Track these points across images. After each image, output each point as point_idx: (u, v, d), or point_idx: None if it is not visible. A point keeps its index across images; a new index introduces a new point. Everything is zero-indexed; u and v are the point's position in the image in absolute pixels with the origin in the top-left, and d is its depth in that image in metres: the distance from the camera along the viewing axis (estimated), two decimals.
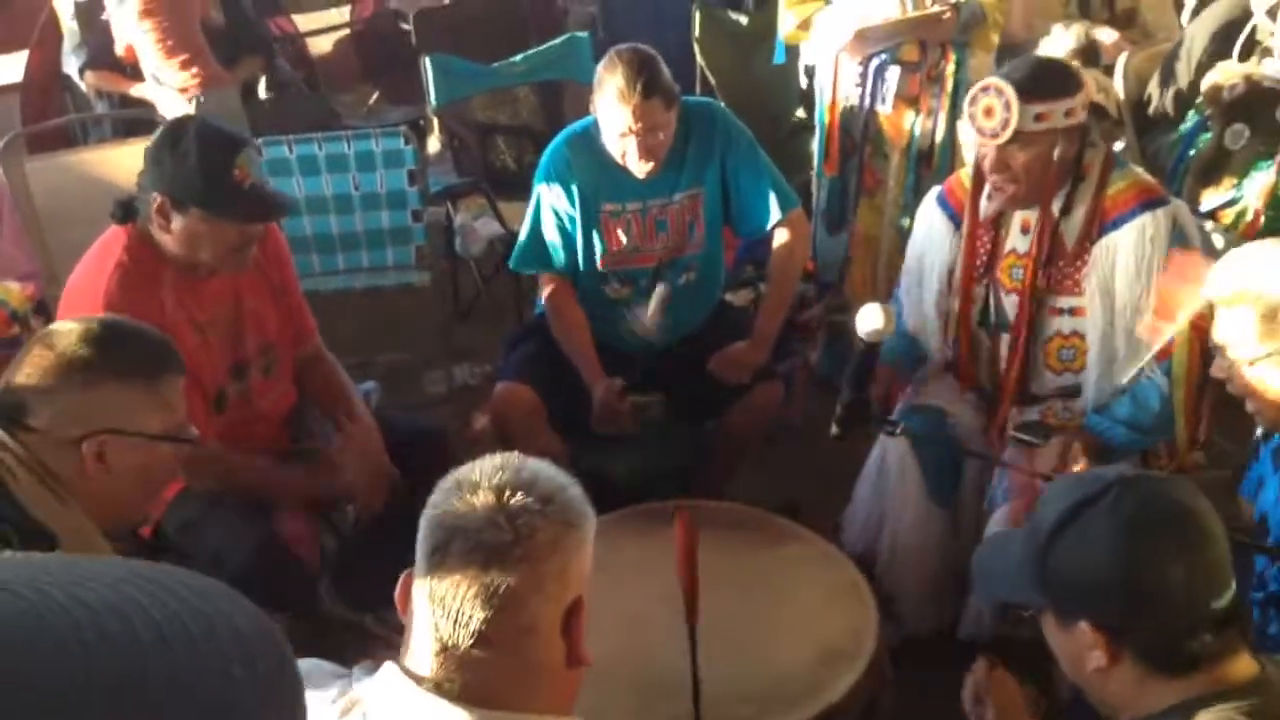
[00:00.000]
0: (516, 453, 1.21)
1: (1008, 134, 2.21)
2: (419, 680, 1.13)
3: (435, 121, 4.56)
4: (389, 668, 1.16)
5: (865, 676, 1.94)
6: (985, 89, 2.24)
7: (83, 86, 4.84)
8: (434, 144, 4.72)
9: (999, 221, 2.43)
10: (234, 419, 2.33)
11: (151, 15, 4.33)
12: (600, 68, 2.57)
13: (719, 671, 1.92)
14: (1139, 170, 2.39)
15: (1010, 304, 2.43)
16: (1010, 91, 2.19)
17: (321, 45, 6.15)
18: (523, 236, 2.84)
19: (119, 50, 4.53)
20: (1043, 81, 2.24)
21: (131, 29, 4.39)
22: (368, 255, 3.92)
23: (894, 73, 3.20)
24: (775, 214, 2.76)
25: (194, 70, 4.35)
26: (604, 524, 2.29)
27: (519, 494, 1.14)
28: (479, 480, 1.15)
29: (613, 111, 2.53)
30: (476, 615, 1.11)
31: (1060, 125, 2.23)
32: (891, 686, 2.09)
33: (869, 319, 1.97)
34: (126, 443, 1.58)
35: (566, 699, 1.21)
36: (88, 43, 4.66)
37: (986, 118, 2.23)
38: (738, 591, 2.15)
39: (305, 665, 1.25)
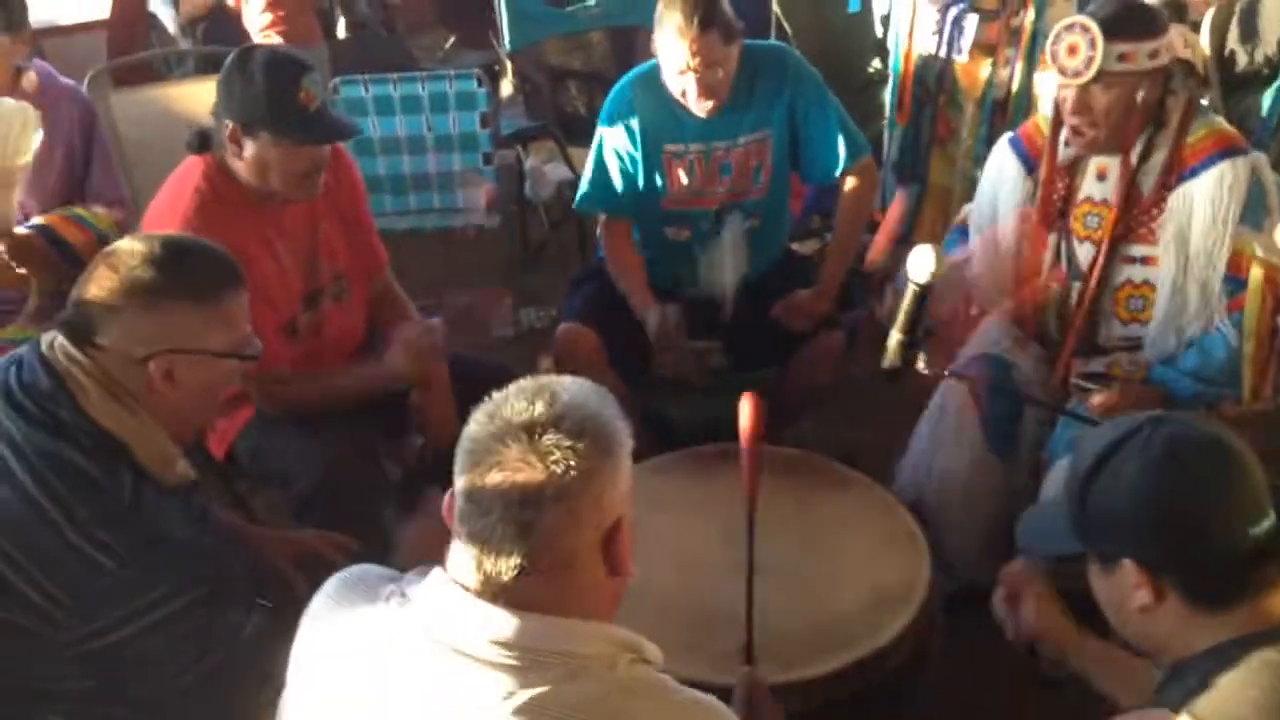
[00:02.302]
0: (550, 379, 1.22)
1: (1091, 73, 2.17)
2: (463, 587, 1.17)
3: (509, 65, 4.57)
4: (437, 572, 1.20)
5: (915, 622, 1.95)
6: (1070, 27, 2.20)
7: (168, 24, 4.95)
8: (507, 87, 4.74)
9: (1074, 168, 2.40)
10: (305, 348, 2.38)
11: None
12: (660, 5, 2.55)
13: (772, 611, 1.94)
14: (1219, 119, 2.34)
15: (1083, 252, 2.39)
16: (1095, 29, 2.16)
17: None
18: (585, 177, 2.86)
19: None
20: (1128, 21, 2.19)
21: None
22: (438, 197, 3.97)
23: (972, 20, 3.16)
24: (844, 160, 2.74)
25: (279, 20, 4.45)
26: (664, 462, 2.38)
27: (550, 431, 1.15)
28: (511, 416, 1.16)
29: (671, 47, 2.52)
30: (516, 551, 1.14)
31: (1144, 67, 2.19)
32: (942, 633, 2.10)
33: (921, 261, 1.95)
34: (192, 360, 1.61)
35: (608, 607, 1.24)
36: None
37: (1070, 56, 2.19)
38: (794, 535, 2.17)
39: (359, 570, 1.30)
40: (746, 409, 1.80)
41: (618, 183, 2.78)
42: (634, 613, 1.48)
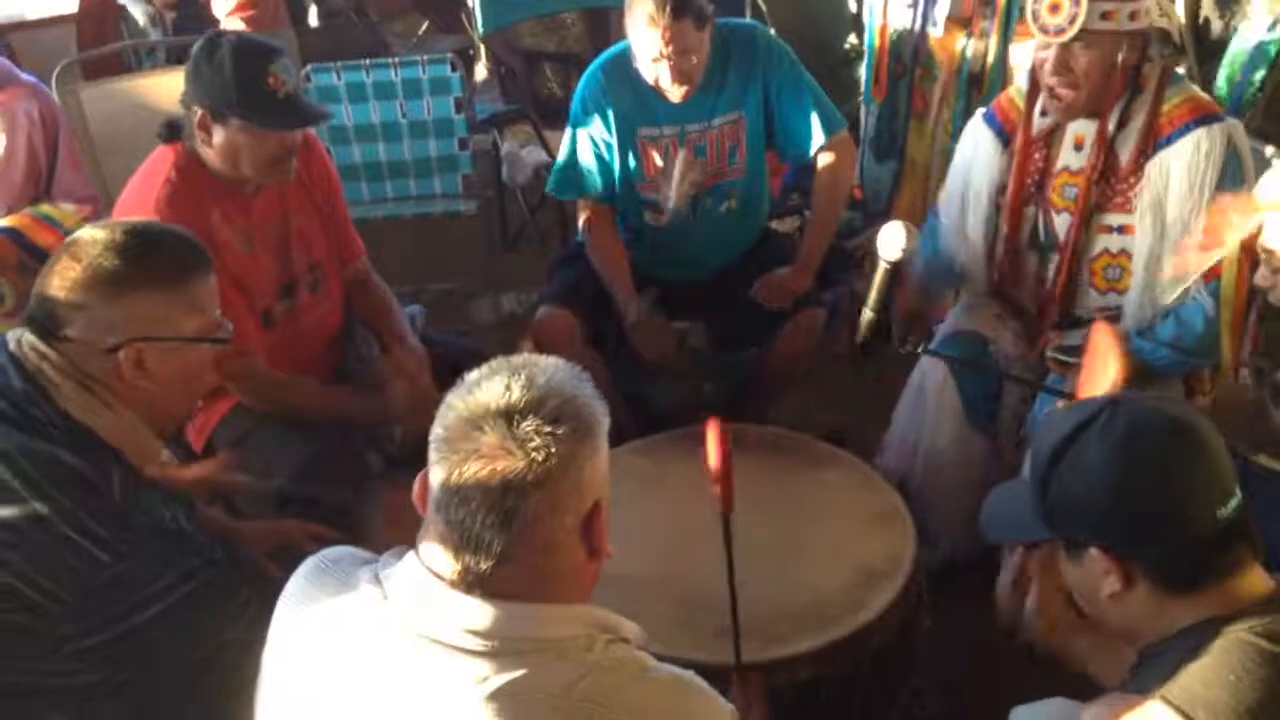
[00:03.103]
0: (524, 358, 1.20)
1: (1074, 29, 2.15)
2: (438, 576, 1.15)
3: (483, 49, 4.54)
4: (411, 558, 1.19)
5: (900, 598, 1.95)
6: None
7: (138, 17, 4.90)
8: (482, 72, 4.71)
9: (1050, 140, 2.39)
10: (281, 336, 2.36)
11: None
12: None
13: (758, 589, 1.94)
14: (1195, 87, 2.33)
15: (1061, 223, 2.38)
16: None
17: None
18: (559, 162, 2.85)
19: None
20: None
21: None
22: (415, 184, 3.95)
23: None
24: (819, 137, 2.73)
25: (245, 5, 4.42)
26: (651, 443, 2.38)
27: (529, 417, 1.12)
28: (487, 401, 1.14)
29: (643, 35, 2.51)
30: (496, 541, 1.13)
31: (1125, 27, 2.18)
32: (926, 609, 2.10)
33: (892, 238, 1.94)
34: (163, 348, 1.59)
35: (586, 588, 1.23)
36: None
37: (1052, 14, 2.18)
38: (779, 513, 2.17)
39: (337, 552, 1.29)
40: (712, 439, 1.75)
41: (592, 168, 2.77)
42: (621, 592, 1.48)
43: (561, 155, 2.84)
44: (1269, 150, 3.06)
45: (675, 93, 2.58)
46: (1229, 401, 2.27)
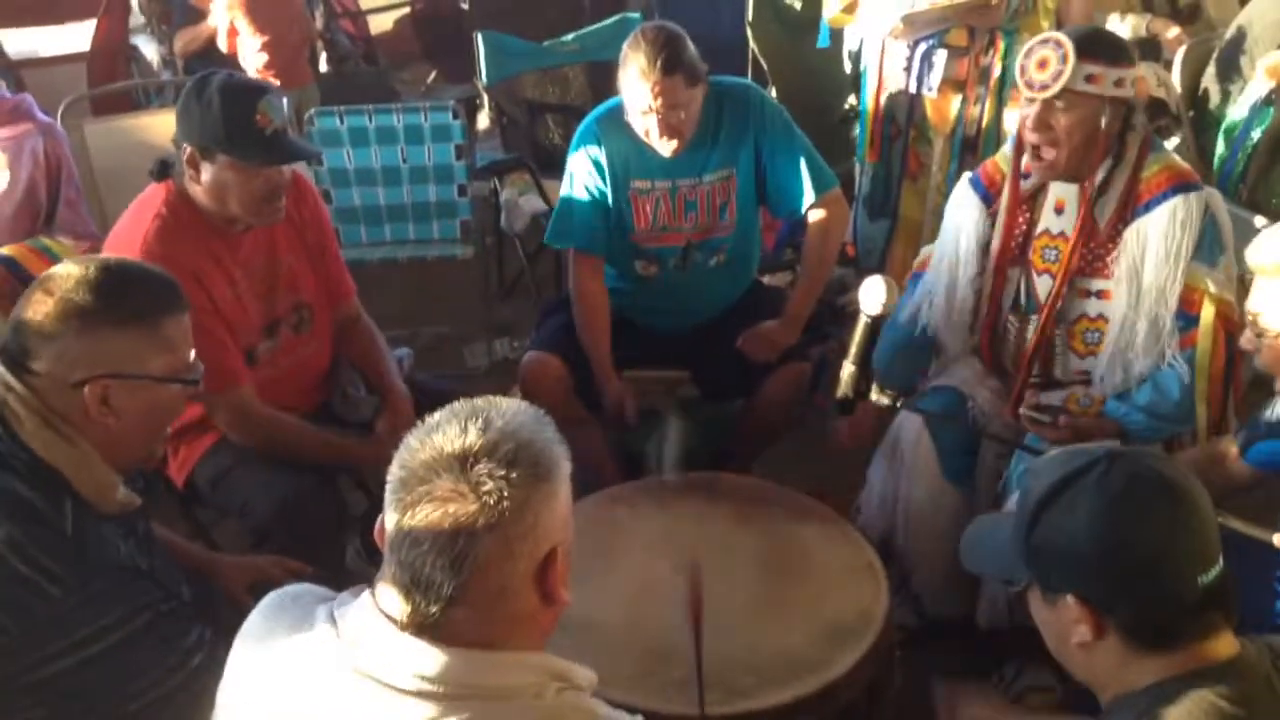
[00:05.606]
0: (486, 401, 1.20)
1: (1058, 86, 2.18)
2: (390, 619, 1.15)
3: (486, 98, 4.60)
4: (365, 599, 1.18)
5: (869, 656, 1.92)
6: (1044, 41, 2.23)
7: (150, 57, 4.99)
8: (484, 121, 4.77)
9: (1033, 202, 2.40)
10: (264, 375, 2.37)
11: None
12: (625, 45, 2.57)
13: (726, 641, 1.94)
14: (1174, 155, 2.35)
15: (1042, 286, 2.39)
16: (1069, 44, 2.17)
17: (383, 23, 6.25)
18: (556, 212, 2.87)
19: (220, 41, 4.75)
20: (1099, 45, 2.22)
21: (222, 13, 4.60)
22: (414, 228, 3.98)
23: (941, 57, 3.18)
24: (810, 195, 2.75)
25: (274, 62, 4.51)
26: (629, 490, 2.38)
27: (483, 461, 1.12)
28: (442, 444, 1.14)
29: (634, 88, 2.54)
30: (446, 584, 1.12)
31: (1109, 93, 2.20)
32: (897, 669, 2.08)
33: (873, 292, 1.95)
34: (129, 386, 1.59)
35: (540, 635, 1.22)
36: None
37: (1039, 69, 2.21)
38: (753, 565, 2.17)
39: (294, 590, 1.29)
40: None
41: (587, 218, 2.79)
42: (587, 639, 1.47)
43: (558, 205, 2.86)
44: (1258, 220, 3.08)
45: (665, 147, 2.61)
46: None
